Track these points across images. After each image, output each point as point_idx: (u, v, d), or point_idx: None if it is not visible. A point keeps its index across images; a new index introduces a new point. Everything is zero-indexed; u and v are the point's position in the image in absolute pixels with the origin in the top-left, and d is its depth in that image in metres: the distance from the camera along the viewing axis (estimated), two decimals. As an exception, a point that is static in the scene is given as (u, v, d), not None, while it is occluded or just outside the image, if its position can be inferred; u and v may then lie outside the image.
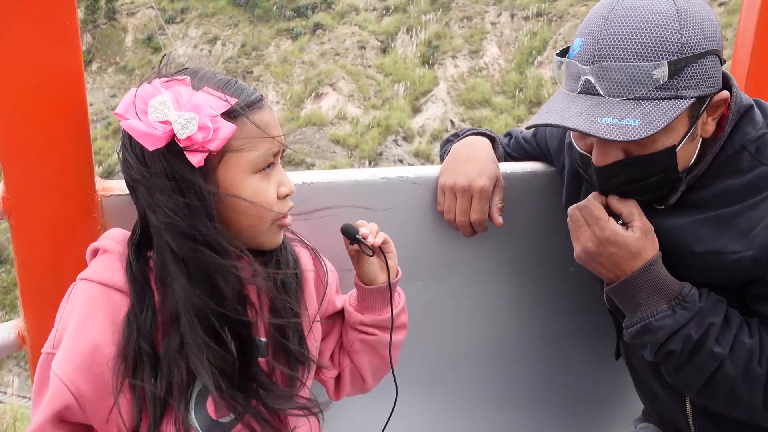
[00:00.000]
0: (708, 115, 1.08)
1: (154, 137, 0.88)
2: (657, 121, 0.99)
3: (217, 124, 0.90)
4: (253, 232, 0.99)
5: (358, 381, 1.26)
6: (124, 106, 0.90)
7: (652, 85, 1.00)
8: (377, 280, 1.18)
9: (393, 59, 25.22)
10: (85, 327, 0.93)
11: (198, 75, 0.97)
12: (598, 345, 1.61)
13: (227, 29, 30.63)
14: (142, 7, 34.77)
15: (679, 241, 1.12)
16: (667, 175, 1.08)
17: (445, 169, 1.37)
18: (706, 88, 1.03)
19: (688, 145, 1.07)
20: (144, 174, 0.91)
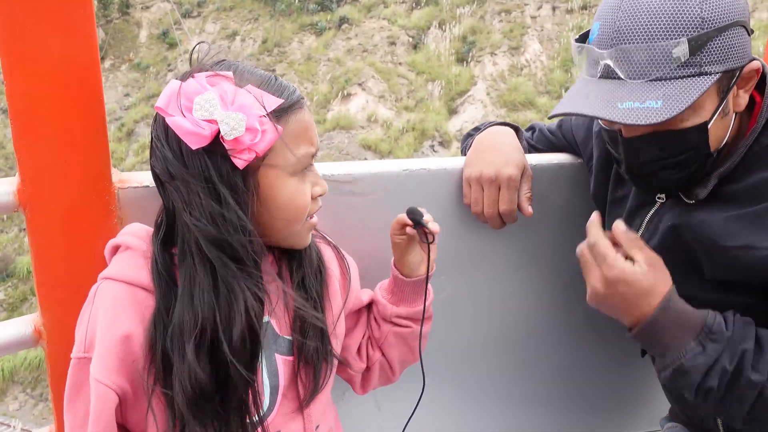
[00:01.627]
0: (739, 88, 1.06)
1: (200, 136, 0.87)
2: (681, 101, 0.98)
3: (265, 125, 0.90)
4: (286, 233, 1.00)
5: (386, 373, 1.30)
6: (166, 99, 0.89)
7: (674, 64, 0.99)
8: (416, 271, 1.21)
9: (425, 56, 23.84)
10: (116, 325, 0.92)
11: (239, 70, 0.95)
12: (624, 342, 1.45)
13: (247, 24, 29.35)
14: (157, 0, 33.67)
15: (709, 235, 1.10)
16: (698, 152, 1.06)
17: (470, 161, 1.36)
18: (732, 62, 1.01)
19: (719, 121, 1.06)
20: (183, 172, 0.89)
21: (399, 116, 20.65)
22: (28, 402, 14.90)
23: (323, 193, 1.04)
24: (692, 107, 1.00)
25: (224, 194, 0.90)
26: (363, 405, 1.49)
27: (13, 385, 15.43)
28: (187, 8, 32.07)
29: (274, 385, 1.06)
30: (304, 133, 0.97)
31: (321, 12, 28.67)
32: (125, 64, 30.13)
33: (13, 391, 16.06)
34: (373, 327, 1.28)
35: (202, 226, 0.89)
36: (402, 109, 21.04)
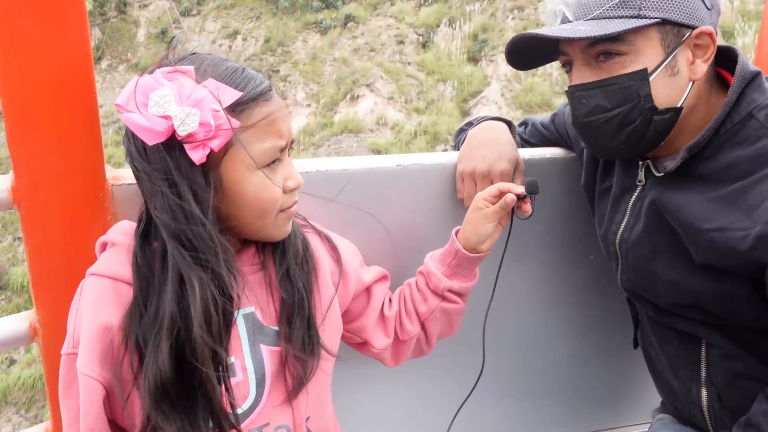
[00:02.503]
0: (695, 56, 1.15)
1: (154, 132, 0.90)
2: (609, 28, 1.08)
3: (220, 120, 0.93)
4: (258, 226, 1.03)
5: (421, 347, 1.35)
6: (125, 97, 0.94)
7: (611, 2, 1.09)
8: (479, 246, 1.27)
9: (435, 55, 23.75)
10: (97, 317, 0.97)
11: (203, 64, 0.99)
12: (618, 334, 1.71)
13: (248, 22, 29.38)
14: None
15: (688, 218, 1.15)
16: (641, 105, 1.11)
17: (463, 156, 1.44)
18: (674, 14, 1.08)
19: (667, 78, 1.13)
20: (145, 167, 0.94)
21: (409, 118, 20.33)
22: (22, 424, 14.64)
23: (297, 186, 1.05)
24: (635, 52, 1.10)
25: (183, 189, 0.93)
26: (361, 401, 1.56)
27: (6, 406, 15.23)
28: (186, 6, 32.12)
29: (261, 376, 1.08)
30: (270, 126, 0.99)
31: (325, 10, 28.56)
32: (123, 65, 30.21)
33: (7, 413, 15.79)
34: (417, 300, 1.31)
35: (163, 219, 0.94)
36: (412, 111, 20.71)
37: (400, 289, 1.39)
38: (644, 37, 1.12)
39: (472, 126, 1.53)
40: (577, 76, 1.17)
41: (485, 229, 1.26)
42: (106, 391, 0.97)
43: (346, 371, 1.33)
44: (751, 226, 1.06)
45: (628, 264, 1.32)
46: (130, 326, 0.97)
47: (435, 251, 1.36)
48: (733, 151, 1.12)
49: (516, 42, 1.22)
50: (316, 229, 1.25)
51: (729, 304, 1.16)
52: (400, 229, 1.49)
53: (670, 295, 1.24)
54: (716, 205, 1.12)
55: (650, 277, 1.27)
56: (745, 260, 1.08)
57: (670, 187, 1.20)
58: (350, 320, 1.30)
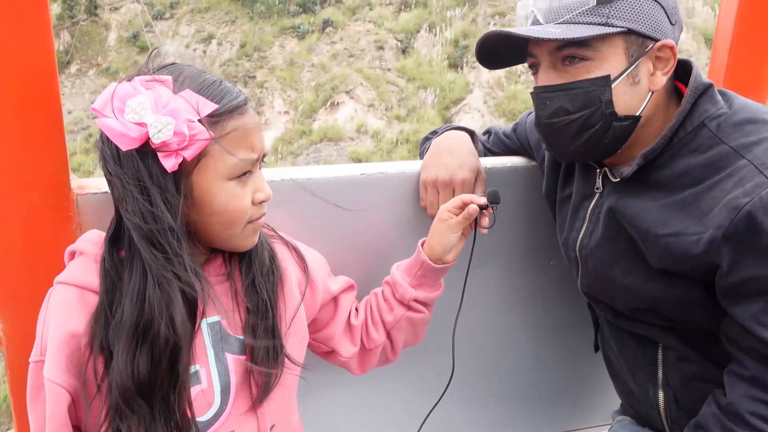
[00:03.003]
0: (656, 68, 1.19)
1: (128, 138, 0.93)
2: (577, 33, 1.12)
3: (194, 130, 0.95)
4: (226, 236, 1.06)
5: (387, 355, 1.39)
6: (102, 102, 0.96)
7: (581, 8, 1.14)
8: (444, 257, 1.31)
9: (416, 61, 23.77)
10: (64, 325, 0.99)
11: (181, 75, 1.01)
12: (579, 338, 1.74)
13: (223, 26, 29.23)
14: (127, 1, 33.43)
15: (644, 224, 1.20)
16: (602, 110, 1.16)
17: (426, 164, 1.48)
18: (640, 25, 1.14)
19: (628, 87, 1.18)
20: (117, 172, 0.97)
21: (390, 126, 20.10)
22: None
23: (266, 199, 1.09)
24: (599, 59, 1.15)
25: (154, 195, 0.96)
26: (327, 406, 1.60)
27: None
28: (159, 9, 31.82)
29: (225, 384, 1.10)
30: (243, 139, 1.02)
31: (303, 14, 28.36)
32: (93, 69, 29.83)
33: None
34: (383, 310, 1.35)
35: (134, 221, 0.97)
36: (393, 119, 20.45)
37: (367, 299, 1.42)
38: (610, 44, 1.16)
39: (437, 135, 1.59)
40: (543, 77, 1.22)
41: (450, 240, 1.31)
42: (71, 398, 0.99)
43: (312, 379, 1.35)
44: (703, 231, 1.11)
45: (588, 270, 1.37)
46: (96, 331, 1.00)
47: (401, 261, 1.40)
48: (686, 159, 1.18)
49: (487, 39, 1.25)
50: (284, 240, 1.28)
51: (683, 308, 1.21)
52: (365, 237, 1.53)
53: (628, 299, 1.29)
54: (670, 211, 1.17)
55: (609, 283, 1.32)
56: (698, 264, 1.13)
57: (627, 194, 1.25)
58: (317, 329, 1.34)
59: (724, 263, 1.10)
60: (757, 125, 1.16)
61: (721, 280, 1.12)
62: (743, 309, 1.11)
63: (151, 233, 0.97)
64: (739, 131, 1.16)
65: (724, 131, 1.17)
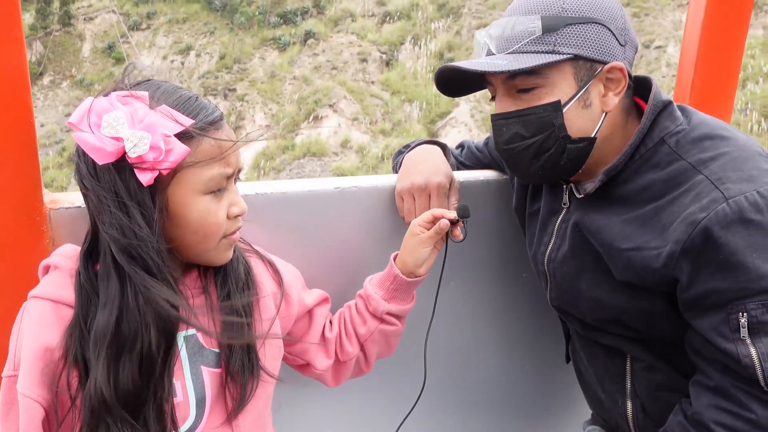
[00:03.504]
0: (607, 89, 1.23)
1: (104, 152, 0.96)
2: (524, 63, 1.17)
3: (170, 145, 0.98)
4: (200, 249, 1.08)
5: (360, 367, 1.42)
6: (78, 116, 0.98)
7: (528, 38, 1.19)
8: (417, 270, 1.35)
9: (400, 74, 23.70)
10: (37, 339, 1.01)
11: (158, 91, 1.04)
12: (550, 349, 1.77)
13: (202, 37, 28.95)
14: (102, 11, 32.99)
15: (608, 239, 1.24)
16: (555, 134, 1.21)
17: (401, 176, 1.51)
18: (586, 50, 1.19)
19: (580, 110, 1.22)
20: (94, 186, 0.99)
21: (375, 141, 19.90)
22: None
23: (241, 213, 1.11)
24: (550, 85, 1.20)
25: (132, 209, 0.98)
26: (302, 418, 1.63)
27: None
28: (135, 20, 31.37)
29: (201, 397, 1.13)
30: (218, 154, 1.05)
31: (284, 25, 28.10)
32: (66, 81, 29.31)
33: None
34: (356, 323, 1.39)
35: (112, 234, 0.98)
36: (378, 133, 20.26)
37: (341, 311, 1.45)
38: (558, 71, 1.20)
39: (409, 149, 1.63)
40: (499, 105, 1.27)
41: (421, 254, 1.35)
42: (45, 412, 1.01)
43: (287, 391, 1.37)
44: (663, 246, 1.15)
45: (556, 283, 1.41)
46: (70, 345, 1.01)
47: (374, 275, 1.43)
48: (647, 175, 1.22)
49: (443, 73, 1.30)
50: (259, 254, 1.30)
51: (648, 319, 1.25)
52: (339, 251, 1.55)
53: (595, 311, 1.33)
54: (632, 225, 1.21)
55: (576, 295, 1.36)
56: (659, 277, 1.16)
57: (591, 209, 1.30)
58: (292, 343, 1.37)
59: (683, 277, 1.13)
60: (714, 141, 1.20)
61: (682, 294, 1.15)
62: (704, 321, 1.14)
63: (129, 246, 0.99)
64: (697, 147, 1.20)
65: (682, 147, 1.20)
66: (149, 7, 31.91)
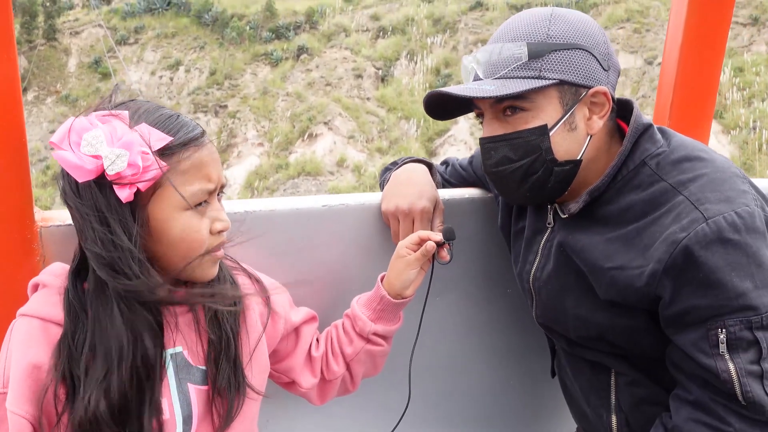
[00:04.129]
0: (591, 113, 1.29)
1: (83, 170, 0.99)
2: (511, 88, 1.22)
3: (148, 162, 1.01)
4: (183, 266, 1.10)
5: (346, 386, 1.46)
6: (60, 135, 1.02)
7: (515, 64, 1.24)
8: (403, 292, 1.39)
9: (396, 90, 23.45)
10: (25, 356, 1.04)
11: (138, 110, 1.07)
12: (535, 364, 1.83)
13: (192, 52, 28.66)
14: (89, 25, 32.71)
15: (591, 258, 1.29)
16: (542, 157, 1.26)
17: (386, 196, 1.58)
18: (571, 75, 1.24)
19: (566, 133, 1.27)
20: (76, 203, 1.03)
21: (372, 159, 19.45)
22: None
23: (224, 228, 1.12)
24: (536, 110, 1.24)
25: (113, 225, 1.01)
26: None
27: None
28: (122, 34, 31.07)
29: (187, 415, 1.15)
30: (198, 170, 1.07)
31: (276, 40, 27.81)
32: (51, 97, 28.92)
33: None
34: (343, 342, 1.40)
35: (95, 251, 1.01)
36: (375, 152, 19.79)
37: (328, 330, 1.47)
38: (544, 95, 1.24)
39: (397, 166, 1.67)
40: (487, 128, 1.30)
41: (408, 276, 1.37)
42: (34, 429, 1.03)
43: (273, 408, 1.40)
44: (645, 265, 1.19)
45: (541, 301, 1.44)
46: (58, 362, 1.03)
47: (362, 295, 1.45)
48: (629, 196, 1.26)
49: (431, 97, 1.34)
50: (247, 271, 1.32)
51: (630, 335, 1.29)
52: (327, 269, 1.59)
53: (579, 328, 1.36)
54: (615, 244, 1.25)
55: (560, 313, 1.39)
56: (642, 295, 1.20)
57: (575, 229, 1.33)
58: (278, 360, 1.38)
59: (665, 294, 1.17)
60: (693, 162, 1.24)
61: (664, 310, 1.19)
62: (685, 337, 1.18)
63: (112, 260, 1.00)
64: (676, 168, 1.24)
65: (663, 169, 1.25)
66: (137, 21, 31.64)
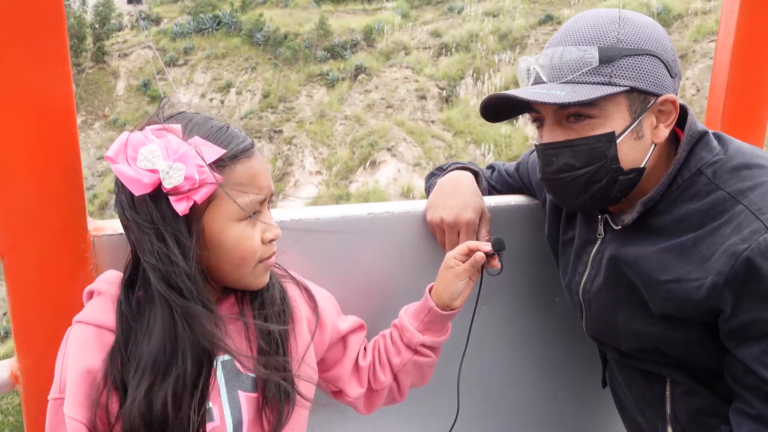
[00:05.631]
0: (658, 121, 1.24)
1: (141, 183, 1.01)
2: (582, 95, 1.17)
3: (203, 174, 1.03)
4: (237, 275, 1.13)
5: (393, 395, 1.45)
6: (115, 150, 1.04)
7: (584, 69, 1.19)
8: (452, 303, 1.37)
9: (462, 112, 22.15)
10: (80, 362, 1.07)
11: (190, 123, 1.09)
12: (585, 374, 1.80)
13: (243, 74, 27.80)
14: (137, 47, 32.27)
15: (645, 270, 1.25)
16: (608, 165, 1.22)
17: (431, 205, 1.54)
18: (642, 82, 1.19)
19: (632, 141, 1.23)
20: (133, 216, 1.05)
21: None
22: None
23: (275, 238, 1.14)
24: (604, 116, 1.19)
25: (168, 237, 1.03)
26: None
27: None
28: (171, 56, 30.50)
29: (237, 422, 1.16)
30: (251, 181, 1.09)
31: (331, 60, 27.00)
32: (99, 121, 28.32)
33: None
34: (390, 352, 1.41)
35: (152, 263, 1.03)
36: None
37: (375, 340, 1.45)
38: (613, 102, 1.20)
39: (444, 171, 1.64)
40: (548, 134, 1.25)
41: (457, 287, 1.36)
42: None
43: (320, 416, 1.42)
44: (704, 277, 1.15)
45: (591, 313, 1.41)
46: (111, 369, 1.06)
47: (410, 305, 1.43)
48: (685, 205, 1.23)
49: (492, 100, 1.29)
50: (295, 279, 1.32)
51: (686, 348, 1.26)
52: (373, 276, 1.56)
53: (632, 342, 1.34)
54: (669, 254, 1.22)
55: (612, 326, 1.36)
56: (701, 309, 1.17)
57: (628, 241, 1.30)
58: (326, 369, 1.37)
59: (726, 307, 1.13)
60: (752, 170, 1.21)
61: (725, 324, 1.15)
62: (746, 350, 1.14)
63: (168, 274, 1.03)
64: (735, 177, 1.21)
65: (720, 177, 1.21)
66: (186, 42, 31.04)
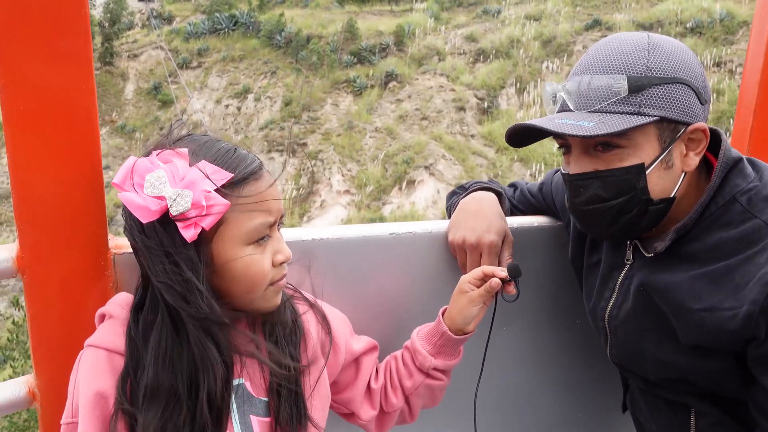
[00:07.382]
0: (688, 149, 1.24)
1: (148, 211, 1.03)
2: (612, 126, 1.16)
3: (211, 200, 1.04)
4: (248, 298, 1.14)
5: (404, 417, 1.47)
6: (122, 176, 1.06)
7: (613, 98, 1.19)
8: (465, 327, 1.37)
9: (504, 125, 20.44)
10: (91, 386, 1.09)
11: (198, 146, 1.11)
12: (605, 398, 1.83)
13: (262, 78, 26.20)
14: (148, 47, 30.78)
15: (677, 298, 1.25)
16: (637, 197, 1.23)
17: (453, 225, 1.56)
18: (672, 112, 1.19)
19: (662, 171, 1.23)
20: (143, 241, 1.06)
21: None
22: None
23: (285, 260, 1.15)
24: (633, 147, 1.19)
25: (180, 261, 1.04)
26: None
27: None
28: (184, 57, 28.96)
29: None
30: (259, 205, 1.09)
31: (358, 65, 25.43)
32: (106, 127, 26.92)
33: None
34: (402, 375, 1.42)
35: (167, 284, 1.04)
36: None
37: (387, 361, 1.46)
38: (642, 133, 1.19)
39: (466, 191, 1.64)
40: (575, 164, 1.26)
41: (471, 312, 1.36)
42: None
43: None
44: (738, 306, 1.15)
45: (617, 340, 1.41)
46: (120, 394, 1.07)
47: (422, 327, 1.44)
48: (718, 233, 1.22)
49: (517, 129, 1.29)
50: (307, 299, 1.33)
51: (714, 378, 1.26)
52: (390, 295, 1.58)
53: (659, 371, 1.34)
54: (701, 282, 1.21)
55: (639, 354, 1.36)
56: (734, 338, 1.16)
57: (658, 268, 1.30)
58: (338, 391, 1.38)
59: (761, 334, 1.13)
60: None
61: (755, 350, 1.15)
62: None
63: (184, 293, 1.04)
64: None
65: (755, 206, 1.21)
66: (201, 43, 29.51)
